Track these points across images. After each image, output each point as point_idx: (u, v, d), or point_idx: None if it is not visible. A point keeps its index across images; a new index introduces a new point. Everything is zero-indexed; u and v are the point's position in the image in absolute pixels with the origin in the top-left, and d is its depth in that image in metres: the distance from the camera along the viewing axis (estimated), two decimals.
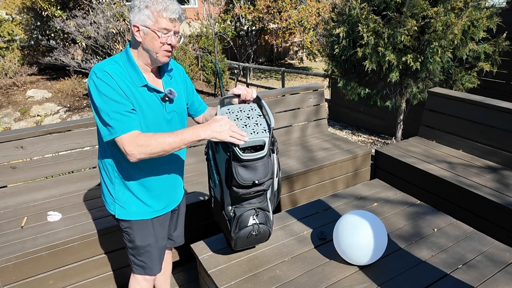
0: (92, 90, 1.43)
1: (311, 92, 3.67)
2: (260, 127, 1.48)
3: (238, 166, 1.42)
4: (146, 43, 1.46)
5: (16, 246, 2.03)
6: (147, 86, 1.51)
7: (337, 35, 4.02)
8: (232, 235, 1.62)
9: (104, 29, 7.35)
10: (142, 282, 1.77)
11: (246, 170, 1.43)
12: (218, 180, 1.59)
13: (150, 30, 1.43)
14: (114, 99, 1.41)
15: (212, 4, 8.78)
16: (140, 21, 1.42)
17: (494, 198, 2.44)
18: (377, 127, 5.36)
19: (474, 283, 1.63)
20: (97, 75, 1.42)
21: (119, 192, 1.61)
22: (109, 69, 1.44)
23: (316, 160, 3.13)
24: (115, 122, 1.40)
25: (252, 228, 1.60)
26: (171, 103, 1.60)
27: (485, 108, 3.05)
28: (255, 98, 1.62)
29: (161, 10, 1.41)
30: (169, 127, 1.59)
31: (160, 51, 1.47)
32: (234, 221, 1.60)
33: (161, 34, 1.43)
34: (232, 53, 11.59)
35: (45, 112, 8.22)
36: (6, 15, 10.35)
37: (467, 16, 3.48)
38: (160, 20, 1.42)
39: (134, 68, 1.49)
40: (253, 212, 1.59)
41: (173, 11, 1.43)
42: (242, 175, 1.43)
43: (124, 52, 1.52)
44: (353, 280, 1.67)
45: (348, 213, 1.80)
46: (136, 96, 1.47)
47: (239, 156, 1.40)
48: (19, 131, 2.54)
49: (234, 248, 1.70)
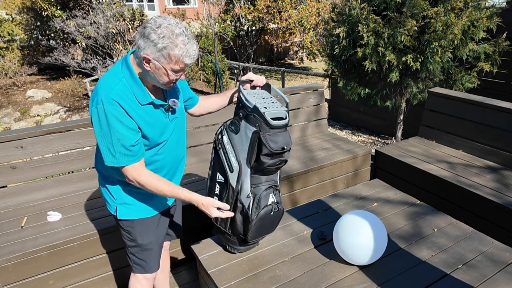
0: (100, 119, 1.38)
1: (311, 92, 3.67)
2: (277, 103, 1.65)
3: (267, 134, 1.55)
4: (153, 74, 1.40)
5: (16, 246, 2.03)
6: (153, 103, 1.49)
7: (337, 35, 4.02)
8: (253, 217, 1.65)
9: (104, 29, 7.35)
10: (143, 281, 1.78)
11: (275, 138, 1.56)
12: (237, 162, 1.63)
13: (161, 67, 1.37)
14: (122, 132, 1.39)
15: (212, 4, 8.78)
16: (153, 55, 1.35)
17: (494, 198, 2.44)
18: (377, 127, 5.36)
19: (474, 283, 1.63)
20: (105, 105, 1.37)
21: (121, 192, 1.62)
22: (116, 96, 1.38)
23: (316, 160, 3.13)
24: (119, 155, 1.42)
25: (272, 206, 1.68)
26: (174, 113, 1.60)
27: (485, 108, 3.05)
28: (264, 84, 1.77)
29: (181, 56, 1.34)
30: (173, 134, 1.61)
31: (166, 83, 1.44)
32: (254, 203, 1.65)
33: (173, 73, 1.39)
34: (232, 53, 11.59)
35: (45, 112, 8.22)
36: (6, 15, 10.36)
37: (467, 16, 3.48)
38: (177, 63, 1.36)
39: (138, 86, 1.44)
40: (272, 190, 1.69)
41: (192, 56, 1.37)
42: (273, 142, 1.55)
43: (125, 66, 1.44)
44: (353, 280, 1.67)
45: (348, 213, 1.80)
46: (141, 115, 1.45)
47: (270, 123, 1.54)
48: (19, 131, 2.53)
49: (248, 239, 1.72)
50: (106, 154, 1.43)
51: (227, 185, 1.67)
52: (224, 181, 1.68)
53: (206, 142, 3.16)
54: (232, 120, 1.66)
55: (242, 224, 1.69)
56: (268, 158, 1.58)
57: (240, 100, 1.64)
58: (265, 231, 1.78)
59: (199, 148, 3.14)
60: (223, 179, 1.68)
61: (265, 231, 1.78)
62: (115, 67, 1.47)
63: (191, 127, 3.09)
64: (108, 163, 1.45)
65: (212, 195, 1.74)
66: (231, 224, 1.72)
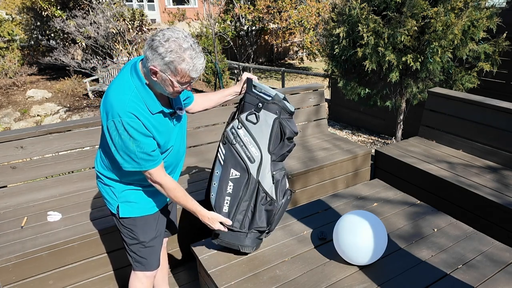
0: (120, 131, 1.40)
1: (311, 92, 3.67)
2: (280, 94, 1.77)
3: (287, 120, 1.70)
4: (160, 83, 1.42)
5: (16, 246, 2.03)
6: (163, 112, 1.51)
7: (337, 35, 4.02)
8: (280, 202, 1.75)
9: (104, 29, 7.35)
10: (143, 279, 1.79)
11: (292, 123, 1.72)
12: (259, 151, 1.69)
13: (168, 78, 1.38)
14: (143, 141, 1.43)
15: (212, 4, 8.78)
16: (160, 67, 1.36)
17: (494, 198, 2.44)
18: (377, 127, 5.36)
19: (474, 283, 1.63)
20: (123, 118, 1.38)
21: (122, 191, 1.63)
22: (132, 108, 1.40)
23: (316, 160, 3.13)
24: (142, 161, 1.47)
25: (290, 191, 1.82)
26: (179, 120, 1.63)
27: (485, 108, 3.05)
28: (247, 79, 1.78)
29: (188, 70, 1.36)
30: (176, 136, 1.63)
31: (172, 93, 1.45)
32: (277, 188, 1.74)
33: (179, 85, 1.40)
34: (232, 53, 11.59)
35: (45, 112, 8.22)
36: (6, 15, 10.36)
37: (467, 16, 3.48)
38: (183, 77, 1.38)
39: (149, 95, 1.45)
40: (285, 172, 1.81)
41: (199, 70, 1.38)
42: (293, 125, 1.71)
43: (135, 75, 1.45)
44: (353, 280, 1.67)
45: (348, 213, 1.80)
46: (153, 124, 1.47)
47: (290, 110, 1.70)
48: (19, 131, 2.53)
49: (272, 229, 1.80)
50: (128, 161, 1.46)
51: (247, 178, 1.71)
52: (239, 176, 1.71)
53: (206, 142, 3.16)
54: (247, 114, 1.70)
55: (266, 214, 1.75)
56: (290, 141, 1.73)
57: (255, 91, 1.73)
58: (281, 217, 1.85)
59: (199, 148, 3.14)
60: (239, 174, 1.71)
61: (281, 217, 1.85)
62: (124, 75, 1.47)
63: (191, 127, 3.09)
64: (130, 168, 1.49)
65: (221, 195, 1.73)
66: (252, 218, 1.74)
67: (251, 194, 1.71)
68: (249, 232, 1.77)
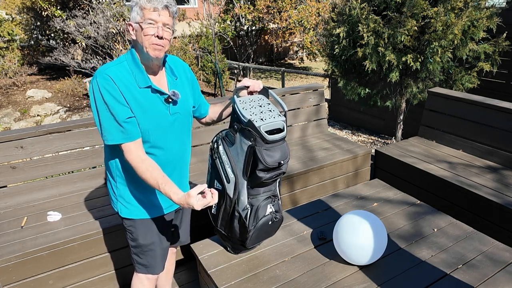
0: (95, 92, 1.44)
1: (311, 92, 3.67)
2: (274, 112, 1.57)
3: (263, 149, 1.49)
4: (137, 39, 1.46)
5: (16, 246, 2.03)
6: (151, 87, 1.50)
7: (337, 35, 4.02)
8: (251, 227, 1.63)
9: (104, 29, 7.35)
10: (145, 281, 1.77)
11: (271, 152, 1.50)
12: (233, 174, 1.59)
13: (138, 25, 1.43)
14: (113, 106, 1.43)
15: (212, 4, 8.78)
16: (132, 19, 1.44)
17: (494, 198, 2.44)
18: (377, 127, 5.36)
19: (474, 283, 1.63)
20: (98, 79, 1.43)
21: (122, 191, 1.62)
22: (111, 72, 1.44)
23: (316, 160, 3.13)
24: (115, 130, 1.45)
25: (270, 216, 1.66)
26: (175, 104, 1.58)
27: (485, 108, 3.05)
28: (262, 89, 1.68)
29: (145, 1, 1.41)
30: (172, 129, 1.59)
31: (148, 45, 1.43)
32: (251, 214, 1.63)
33: (145, 25, 1.42)
34: (232, 53, 11.59)
35: (45, 112, 8.22)
36: (6, 15, 10.35)
37: (467, 16, 3.48)
38: (145, 12, 1.41)
39: (138, 67, 1.49)
40: (270, 200, 1.66)
41: (157, 0, 1.41)
42: (269, 157, 1.50)
43: (129, 52, 1.52)
44: (353, 280, 1.68)
45: (348, 213, 1.80)
46: (137, 98, 1.47)
47: (266, 138, 1.47)
48: (19, 131, 2.53)
49: (247, 246, 1.71)
50: (103, 130, 1.47)
51: (224, 194, 1.65)
52: (221, 189, 1.66)
53: (206, 142, 3.16)
54: (228, 131, 1.62)
55: (240, 232, 1.69)
56: (264, 173, 1.53)
57: (235, 111, 1.58)
58: (265, 237, 1.78)
59: (199, 148, 3.14)
60: (221, 187, 1.66)
61: (265, 237, 1.78)
62: (122, 55, 1.54)
63: None
64: (106, 141, 1.48)
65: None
66: (230, 231, 1.72)
67: (228, 211, 1.67)
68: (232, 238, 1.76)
